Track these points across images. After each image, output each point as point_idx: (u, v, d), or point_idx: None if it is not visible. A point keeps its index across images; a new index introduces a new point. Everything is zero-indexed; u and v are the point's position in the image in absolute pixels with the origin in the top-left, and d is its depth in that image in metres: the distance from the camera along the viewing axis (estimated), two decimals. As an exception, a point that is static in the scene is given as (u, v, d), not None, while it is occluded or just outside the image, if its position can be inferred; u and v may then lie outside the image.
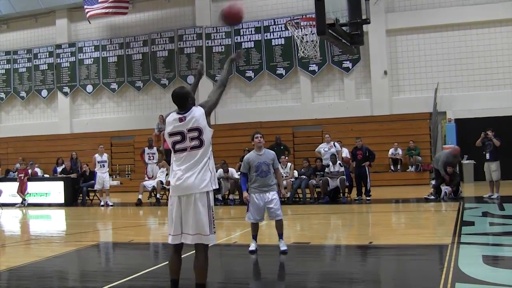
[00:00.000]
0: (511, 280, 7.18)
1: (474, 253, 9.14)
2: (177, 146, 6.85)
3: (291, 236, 11.84)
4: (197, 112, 6.84)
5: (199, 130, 6.77)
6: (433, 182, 19.88)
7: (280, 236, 10.16)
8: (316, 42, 20.60)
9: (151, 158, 23.15)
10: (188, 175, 6.76)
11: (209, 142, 6.90)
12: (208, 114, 6.96)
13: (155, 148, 23.39)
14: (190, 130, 6.78)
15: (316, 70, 27.83)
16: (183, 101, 6.92)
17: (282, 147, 23.39)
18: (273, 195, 9.99)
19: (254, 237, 10.23)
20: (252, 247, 10.13)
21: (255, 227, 10.23)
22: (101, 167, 22.17)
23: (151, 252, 11.76)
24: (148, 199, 22.12)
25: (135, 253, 11.48)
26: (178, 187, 6.82)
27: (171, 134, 6.86)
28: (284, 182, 19.37)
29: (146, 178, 22.63)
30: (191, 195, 6.77)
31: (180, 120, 6.82)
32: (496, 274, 7.63)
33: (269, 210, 10.04)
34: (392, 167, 25.45)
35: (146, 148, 23.37)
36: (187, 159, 6.81)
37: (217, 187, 7.25)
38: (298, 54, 21.75)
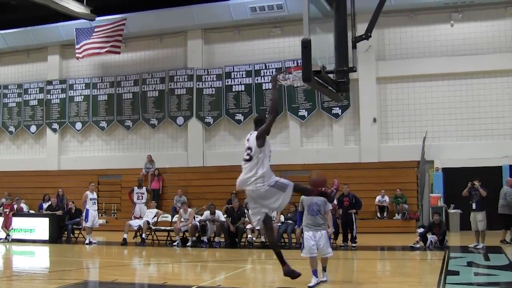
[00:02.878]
0: (495, 331, 7.18)
1: (459, 304, 9.15)
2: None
3: (275, 280, 11.80)
4: (252, 136, 10.24)
5: (250, 148, 10.16)
6: (419, 230, 19.86)
7: (324, 269, 11.59)
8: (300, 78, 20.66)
9: (140, 197, 23.10)
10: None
11: (258, 157, 10.16)
12: (258, 138, 10.20)
13: (144, 188, 23.39)
14: (247, 148, 10.23)
15: (306, 116, 27.96)
16: (254, 125, 10.49)
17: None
18: (322, 233, 11.20)
19: (314, 273, 11.25)
20: (312, 282, 11.08)
21: (313, 262, 11.31)
22: (93, 204, 22.14)
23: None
24: (134, 238, 21.99)
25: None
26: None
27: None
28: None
29: (133, 218, 22.53)
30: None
31: (247, 139, 10.32)
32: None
33: (319, 247, 11.20)
34: (378, 214, 25.44)
35: (136, 188, 23.33)
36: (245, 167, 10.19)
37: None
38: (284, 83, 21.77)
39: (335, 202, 20.49)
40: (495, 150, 25.39)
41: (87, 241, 21.48)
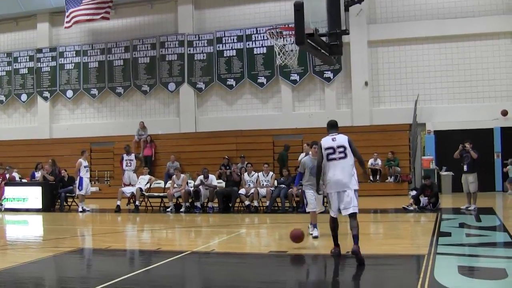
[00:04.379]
0: (485, 290, 7.25)
1: (450, 264, 9.21)
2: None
3: (270, 244, 11.86)
4: (341, 137, 10.24)
5: (342, 146, 10.05)
6: (411, 192, 19.95)
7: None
8: (296, 52, 20.65)
9: (129, 164, 23.09)
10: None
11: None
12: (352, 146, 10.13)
13: (133, 155, 23.31)
14: (337, 146, 10.08)
15: (297, 80, 27.94)
16: (330, 127, 10.58)
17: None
18: (321, 193, 11.65)
19: (315, 226, 12.66)
20: (315, 233, 12.59)
21: (315, 216, 12.73)
22: (86, 172, 22.13)
23: (128, 259, 11.69)
24: (127, 205, 22.03)
25: (113, 259, 11.42)
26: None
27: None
28: (264, 191, 19.51)
29: (123, 185, 22.55)
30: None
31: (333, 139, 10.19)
32: (471, 284, 7.70)
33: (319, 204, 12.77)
34: (371, 178, 25.53)
35: (124, 155, 23.30)
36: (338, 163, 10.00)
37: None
38: (276, 63, 21.77)
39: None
40: (486, 112, 25.49)
41: (80, 209, 21.51)
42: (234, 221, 17.27)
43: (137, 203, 21.38)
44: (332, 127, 10.58)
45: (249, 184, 20.01)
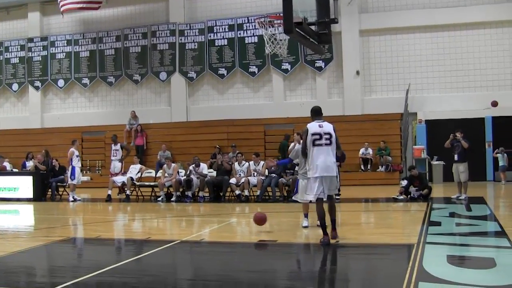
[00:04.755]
0: (474, 279, 7.23)
1: (439, 253, 9.21)
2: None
3: (259, 234, 11.85)
4: (327, 126, 10.59)
5: (329, 134, 10.47)
6: (403, 182, 19.95)
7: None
8: (285, 40, 20.62)
9: (115, 154, 23.04)
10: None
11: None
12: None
13: (119, 145, 23.21)
14: (324, 133, 10.44)
15: (289, 69, 27.93)
16: (315, 114, 10.85)
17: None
18: None
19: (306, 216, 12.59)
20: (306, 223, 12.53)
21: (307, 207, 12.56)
22: (78, 161, 22.10)
23: (118, 248, 11.67)
24: (118, 195, 22.01)
25: (102, 249, 11.39)
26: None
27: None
28: (255, 180, 19.50)
29: (110, 175, 22.53)
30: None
31: (320, 126, 10.49)
32: (460, 273, 7.69)
33: None
34: (362, 167, 25.58)
35: (112, 145, 23.26)
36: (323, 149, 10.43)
37: None
38: (266, 52, 21.73)
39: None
40: (478, 102, 25.55)
41: (71, 198, 21.49)
42: (225, 211, 17.26)
43: (128, 192, 21.34)
44: (317, 113, 10.87)
45: (240, 174, 20.00)
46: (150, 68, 30.42)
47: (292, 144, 20.22)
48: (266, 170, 20.11)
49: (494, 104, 25.10)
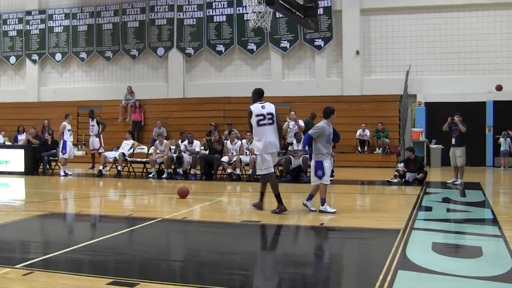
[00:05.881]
0: (456, 269, 6.87)
1: (425, 240, 8.86)
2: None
3: (244, 213, 11.57)
4: (270, 106, 11.57)
5: (271, 114, 11.39)
6: (400, 165, 19.52)
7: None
8: (269, 13, 20.09)
9: (92, 130, 23.04)
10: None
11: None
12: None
13: (95, 120, 23.07)
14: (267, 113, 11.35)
15: (288, 47, 27.54)
16: (258, 96, 11.78)
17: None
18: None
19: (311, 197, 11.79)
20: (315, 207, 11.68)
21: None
22: (70, 135, 21.89)
23: (96, 225, 11.34)
24: (101, 168, 21.59)
25: (80, 225, 11.16)
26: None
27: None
28: (247, 159, 19.18)
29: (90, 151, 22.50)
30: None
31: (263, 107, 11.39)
32: (443, 262, 7.31)
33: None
34: (359, 148, 25.22)
35: (90, 120, 23.08)
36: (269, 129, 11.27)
37: None
38: (250, 26, 21.17)
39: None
40: (479, 85, 25.12)
41: (62, 173, 21.29)
42: (215, 189, 16.96)
43: (119, 168, 21.07)
44: (260, 95, 11.76)
45: (232, 152, 19.68)
46: (147, 44, 30.09)
47: (286, 123, 19.97)
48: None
49: (499, 88, 24.61)
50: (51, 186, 18.78)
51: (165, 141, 20.99)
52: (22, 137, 24.49)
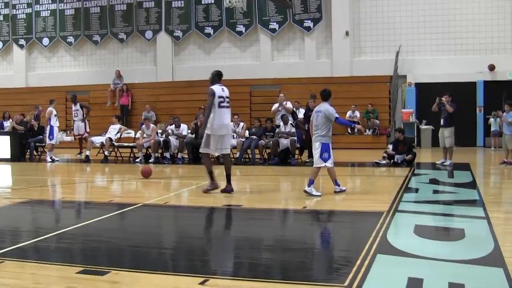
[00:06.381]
0: (436, 252, 6.64)
1: (407, 222, 8.70)
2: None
3: (228, 198, 11.39)
4: (226, 90, 12.09)
5: (228, 97, 11.97)
6: (390, 147, 19.33)
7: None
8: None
9: (76, 115, 22.83)
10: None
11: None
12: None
13: (78, 105, 22.84)
14: (225, 97, 11.87)
15: (277, 29, 27.29)
16: (219, 78, 12.25)
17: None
18: None
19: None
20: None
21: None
22: (56, 121, 21.65)
23: (74, 212, 11.13)
24: (78, 154, 21.43)
25: (59, 212, 11.00)
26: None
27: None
28: (234, 142, 18.97)
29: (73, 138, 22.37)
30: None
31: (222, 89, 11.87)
32: (423, 245, 7.11)
33: None
34: (349, 130, 24.99)
35: (73, 106, 22.90)
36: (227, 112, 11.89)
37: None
38: (224, 5, 20.84)
39: (301, 116, 20.04)
40: (469, 65, 24.91)
41: (48, 159, 21.07)
42: (202, 173, 16.75)
43: (106, 153, 20.83)
44: (220, 77, 12.20)
45: (219, 135, 19.46)
46: (135, 27, 29.81)
47: (275, 105, 19.75)
48: (246, 132, 19.60)
49: (492, 67, 24.53)
50: (37, 173, 18.54)
51: (151, 125, 20.77)
52: (7, 124, 24.22)
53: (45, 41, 31.73)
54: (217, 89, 11.75)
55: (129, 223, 9.53)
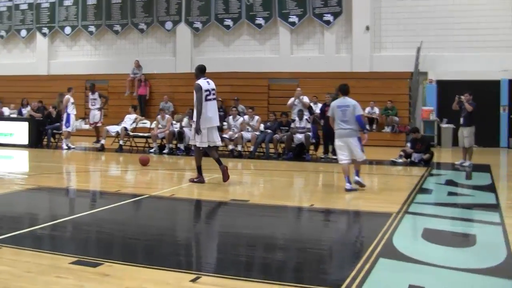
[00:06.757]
0: (443, 259, 6.37)
1: (416, 225, 8.46)
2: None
3: (236, 192, 11.23)
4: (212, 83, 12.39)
5: (214, 90, 12.33)
6: (409, 145, 18.94)
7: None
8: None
9: (93, 104, 22.82)
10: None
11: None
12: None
13: (96, 94, 22.86)
14: (211, 89, 12.24)
15: (296, 22, 26.95)
16: (203, 72, 12.48)
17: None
18: None
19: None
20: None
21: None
22: (73, 108, 21.78)
23: (80, 200, 11.05)
24: (94, 143, 21.64)
25: (65, 200, 10.97)
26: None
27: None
28: (249, 135, 18.82)
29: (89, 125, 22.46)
30: None
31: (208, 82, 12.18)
32: (430, 251, 6.84)
33: None
34: (367, 127, 24.65)
35: (90, 94, 22.90)
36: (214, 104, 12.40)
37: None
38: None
39: (318, 111, 19.82)
40: (493, 63, 24.31)
41: (64, 146, 21.24)
42: (215, 165, 16.59)
43: (121, 142, 20.83)
44: (203, 71, 12.43)
45: (234, 129, 19.34)
46: (156, 17, 29.67)
47: (291, 99, 19.51)
48: (261, 125, 19.41)
49: None
50: (52, 160, 18.60)
51: (167, 116, 20.71)
52: (26, 111, 24.30)
53: (67, 29, 31.78)
54: (203, 83, 12.09)
55: (132, 214, 9.42)
